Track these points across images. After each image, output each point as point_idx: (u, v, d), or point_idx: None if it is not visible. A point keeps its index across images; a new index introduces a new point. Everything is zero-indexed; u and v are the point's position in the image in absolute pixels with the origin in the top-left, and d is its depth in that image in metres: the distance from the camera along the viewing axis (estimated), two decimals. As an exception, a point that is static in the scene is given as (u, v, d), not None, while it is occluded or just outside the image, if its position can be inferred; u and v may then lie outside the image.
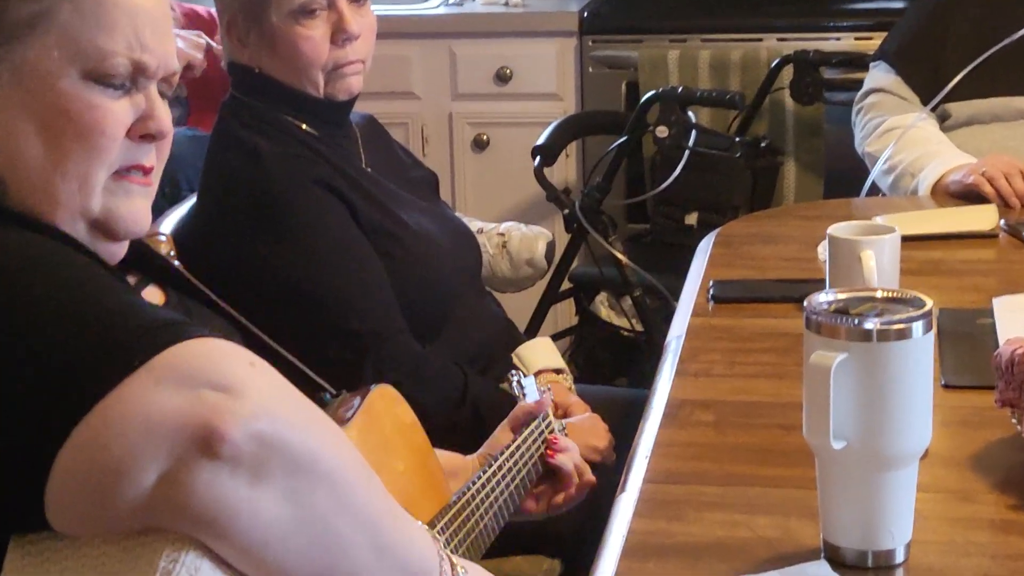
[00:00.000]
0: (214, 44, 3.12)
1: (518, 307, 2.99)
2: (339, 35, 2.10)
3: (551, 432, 1.75)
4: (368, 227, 2.09)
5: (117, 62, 1.32)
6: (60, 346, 1.11)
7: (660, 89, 3.40)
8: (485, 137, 4.01)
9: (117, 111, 1.33)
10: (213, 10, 3.25)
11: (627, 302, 3.42)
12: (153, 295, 1.53)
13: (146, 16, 1.35)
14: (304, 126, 2.13)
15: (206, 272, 1.67)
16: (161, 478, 1.05)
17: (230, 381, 1.08)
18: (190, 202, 2.21)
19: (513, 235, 2.81)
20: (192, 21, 3.30)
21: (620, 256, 3.30)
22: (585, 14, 3.96)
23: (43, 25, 1.29)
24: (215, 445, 1.05)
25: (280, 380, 1.14)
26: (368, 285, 2.06)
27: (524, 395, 1.89)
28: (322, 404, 1.51)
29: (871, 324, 1.27)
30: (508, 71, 3.96)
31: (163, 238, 2.09)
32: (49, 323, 1.13)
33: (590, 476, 1.77)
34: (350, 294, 2.04)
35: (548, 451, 1.73)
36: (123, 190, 1.35)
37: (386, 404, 1.54)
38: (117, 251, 1.38)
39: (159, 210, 2.61)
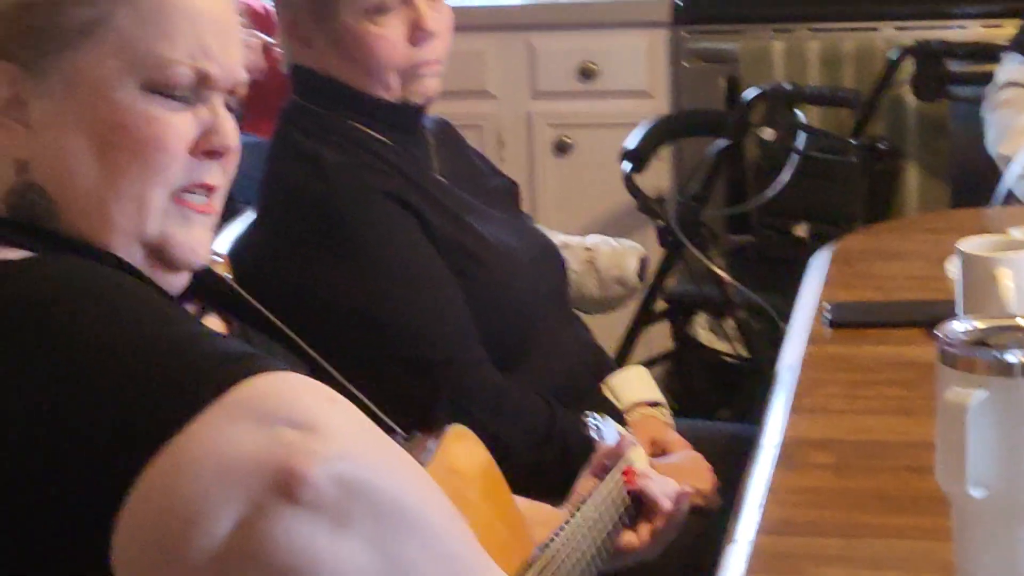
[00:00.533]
0: (268, 40, 3.15)
1: (607, 330, 2.99)
2: (416, 33, 2.12)
3: (628, 464, 1.76)
4: (442, 243, 2.10)
5: (179, 71, 1.34)
6: (123, 383, 1.11)
7: (765, 86, 3.38)
8: (568, 140, 4.02)
9: (179, 125, 1.34)
10: (270, 4, 3.30)
11: (729, 324, 3.40)
12: (215, 324, 1.54)
13: (211, 22, 1.36)
14: (373, 133, 2.14)
15: (266, 295, 1.68)
16: (237, 525, 1.05)
17: (310, 419, 1.08)
18: (247, 217, 2.22)
19: (601, 250, 2.80)
20: (247, 17, 3.32)
21: (721, 272, 3.28)
22: (679, 2, 3.95)
23: (99, 32, 1.31)
24: (295, 488, 1.05)
25: (362, 419, 1.14)
26: (442, 309, 2.06)
27: (603, 438, 1.89)
28: (395, 447, 1.52)
29: (1014, 357, 1.26)
30: (593, 66, 3.97)
31: (219, 259, 2.11)
32: (109, 358, 1.13)
33: (685, 504, 1.77)
34: (422, 319, 2.04)
35: (626, 479, 1.73)
36: (183, 216, 1.36)
37: (462, 447, 1.54)
38: (175, 281, 1.39)
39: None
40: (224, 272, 2.10)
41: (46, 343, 1.15)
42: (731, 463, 2.04)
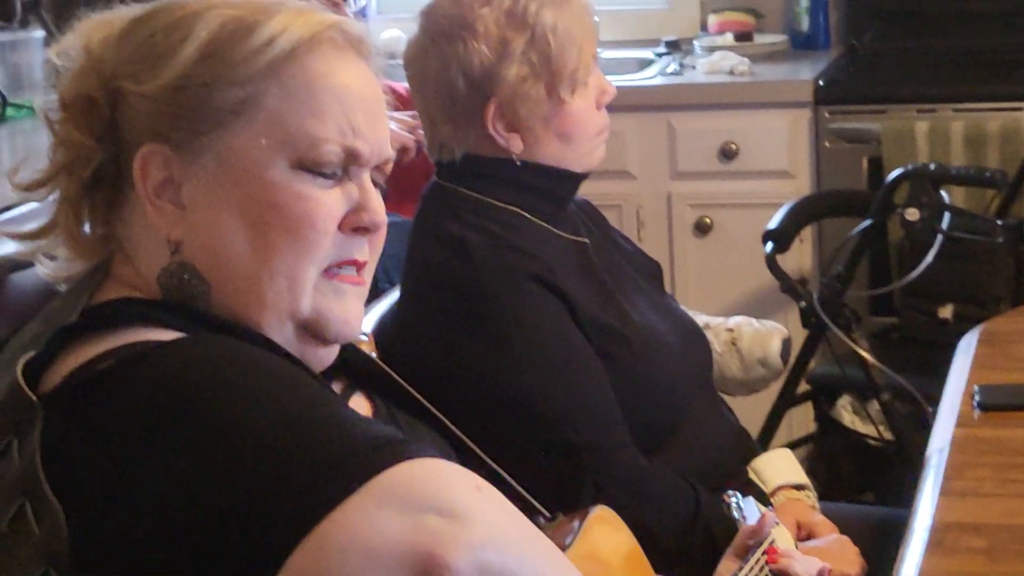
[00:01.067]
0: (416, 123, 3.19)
1: (749, 412, 2.96)
2: (603, 97, 2.16)
3: (771, 543, 1.74)
4: (589, 324, 2.09)
5: (329, 149, 1.36)
6: (271, 466, 1.13)
7: (909, 166, 3.35)
8: (708, 220, 4.01)
9: (328, 202, 1.36)
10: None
11: (874, 406, 3.36)
12: (360, 404, 1.55)
13: (359, 99, 1.38)
14: (522, 211, 2.14)
15: (411, 375, 1.69)
16: None
17: (456, 506, 1.10)
18: (392, 297, 2.24)
19: (744, 331, 2.78)
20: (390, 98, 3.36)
21: (865, 354, 3.24)
22: (821, 82, 3.94)
23: (250, 111, 1.34)
24: (439, 575, 1.06)
25: (508, 506, 1.16)
26: (587, 392, 2.05)
27: (744, 517, 1.88)
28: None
29: None
30: (734, 146, 3.96)
31: (364, 337, 2.12)
32: (259, 441, 1.15)
33: None
34: (567, 403, 2.03)
35: (769, 559, 1.71)
36: (334, 290, 1.38)
37: (606, 530, 1.53)
38: (325, 356, 1.41)
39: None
40: (369, 351, 2.13)
41: (197, 425, 1.17)
42: (878, 547, 2.01)
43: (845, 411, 3.51)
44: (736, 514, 1.89)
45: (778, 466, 2.21)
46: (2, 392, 1.27)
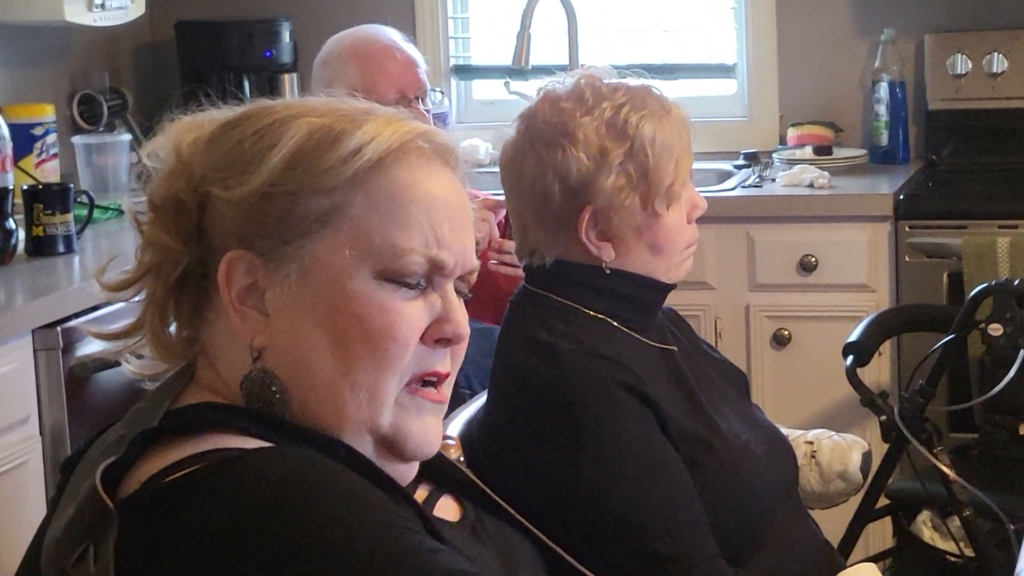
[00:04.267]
0: (493, 228, 3.19)
1: (827, 525, 2.91)
2: (695, 211, 2.17)
3: None
4: (677, 433, 2.08)
5: (413, 260, 1.34)
6: None
7: (993, 282, 3.32)
8: (786, 333, 3.99)
9: (411, 314, 1.34)
10: (491, 194, 3.35)
11: (954, 522, 3.31)
12: (447, 507, 1.54)
13: (444, 209, 1.37)
14: (610, 319, 2.13)
15: (498, 480, 1.68)
16: None
17: None
18: (478, 402, 2.23)
19: (823, 444, 2.75)
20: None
21: (947, 470, 3.20)
22: (901, 196, 3.94)
23: (335, 221, 1.33)
24: None
25: None
26: (675, 502, 2.03)
27: None
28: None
29: None
30: (813, 259, 3.95)
31: (452, 441, 2.12)
32: (329, 564, 1.15)
33: None
34: (655, 512, 2.02)
35: None
36: (415, 406, 1.36)
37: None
38: (406, 472, 1.39)
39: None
40: (456, 455, 2.12)
41: (275, 543, 1.17)
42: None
43: (925, 527, 3.46)
44: None
45: (863, 581, 2.18)
46: (83, 496, 1.27)
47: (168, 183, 1.38)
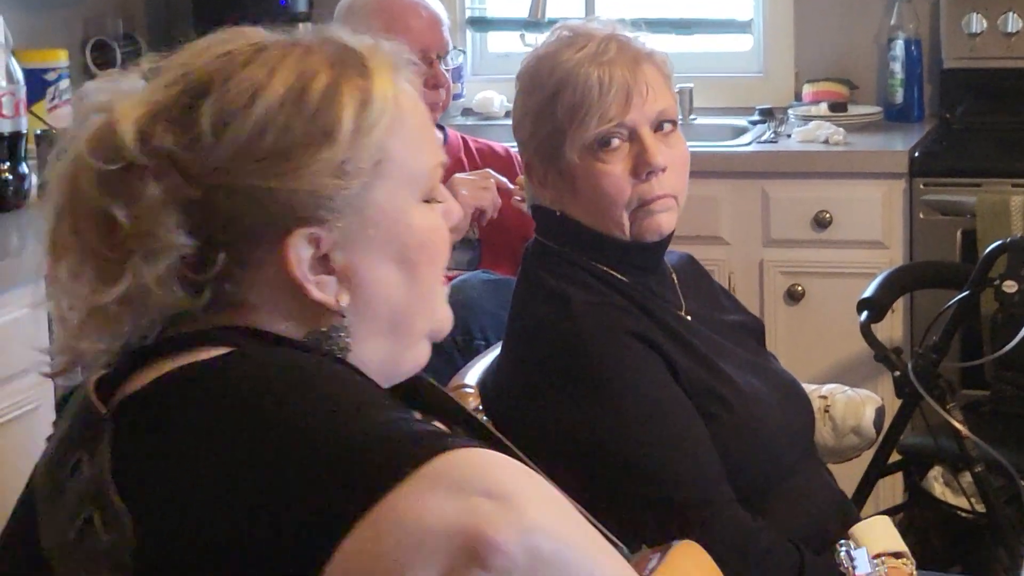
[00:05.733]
0: (504, 181, 3.16)
1: (839, 480, 2.90)
2: (641, 168, 2.09)
3: None
4: (690, 385, 2.06)
5: (439, 173, 1.41)
6: (326, 454, 1.16)
7: (1008, 239, 3.31)
8: (800, 288, 3.97)
9: (443, 224, 1.42)
10: (509, 146, 3.33)
11: (965, 478, 3.30)
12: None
13: (429, 120, 1.43)
14: (614, 272, 2.12)
15: (512, 429, 1.68)
16: None
17: (506, 490, 1.12)
18: (495, 352, 2.22)
19: (837, 399, 2.73)
20: (486, 158, 3.36)
21: (959, 426, 3.18)
22: (916, 154, 3.92)
23: (385, 167, 1.35)
24: (488, 556, 1.09)
25: (558, 495, 1.18)
26: (691, 450, 2.03)
27: (854, 568, 1.83)
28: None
29: None
30: (827, 216, 3.93)
31: (470, 390, 2.11)
32: (315, 432, 1.18)
33: None
34: (670, 460, 2.01)
35: None
36: (444, 292, 1.44)
37: (691, 563, 1.51)
38: (427, 353, 1.44)
39: (450, 358, 2.64)
40: (475, 403, 2.11)
41: (257, 429, 1.20)
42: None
43: (936, 482, 3.45)
44: (846, 562, 1.85)
45: (877, 533, 2.17)
46: (75, 409, 1.30)
47: (152, 184, 1.29)
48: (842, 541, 1.95)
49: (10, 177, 3.25)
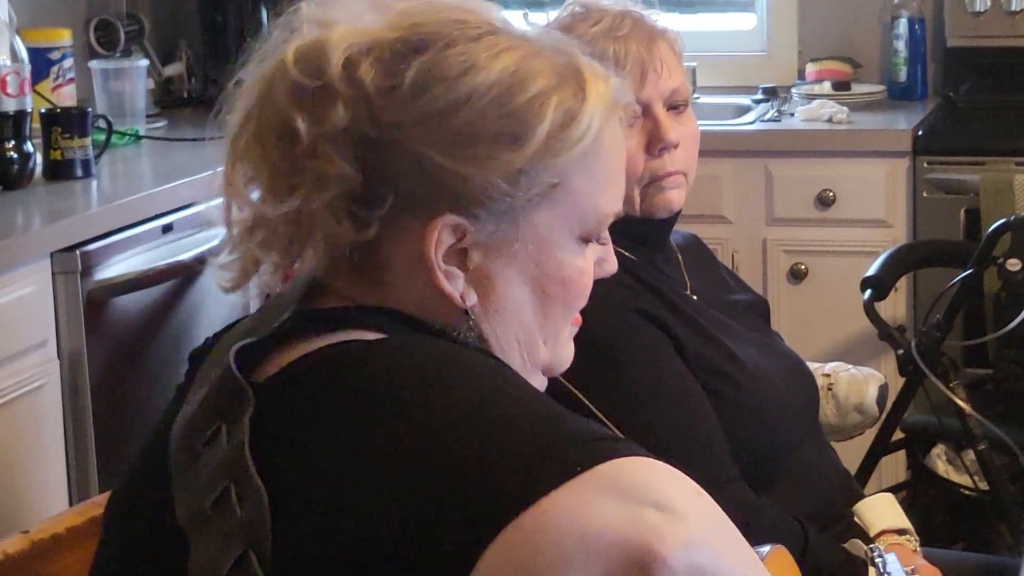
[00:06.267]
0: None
1: (842, 458, 2.91)
2: (655, 144, 2.09)
3: None
4: (696, 363, 2.06)
5: (609, 220, 1.38)
6: (493, 445, 1.14)
7: (1011, 217, 3.30)
8: (803, 267, 3.97)
9: (591, 267, 1.39)
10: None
11: (968, 456, 3.30)
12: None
13: (622, 164, 1.39)
14: (621, 250, 2.11)
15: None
16: None
17: (675, 504, 1.10)
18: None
19: (840, 377, 2.74)
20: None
21: (963, 404, 3.19)
22: (919, 132, 3.91)
23: (557, 195, 1.32)
24: (654, 568, 1.07)
25: (722, 514, 1.17)
26: (696, 426, 2.03)
27: (889, 573, 1.84)
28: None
29: None
30: (831, 194, 3.92)
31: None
32: (478, 423, 1.16)
33: None
34: (675, 437, 2.01)
35: None
36: (570, 335, 1.42)
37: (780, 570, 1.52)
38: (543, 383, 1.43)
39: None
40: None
41: (409, 420, 1.17)
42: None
43: (939, 460, 3.46)
44: (880, 567, 1.85)
45: (881, 510, 2.17)
46: (216, 378, 1.26)
47: (342, 111, 1.28)
48: (872, 547, 1.95)
49: (15, 156, 3.25)
